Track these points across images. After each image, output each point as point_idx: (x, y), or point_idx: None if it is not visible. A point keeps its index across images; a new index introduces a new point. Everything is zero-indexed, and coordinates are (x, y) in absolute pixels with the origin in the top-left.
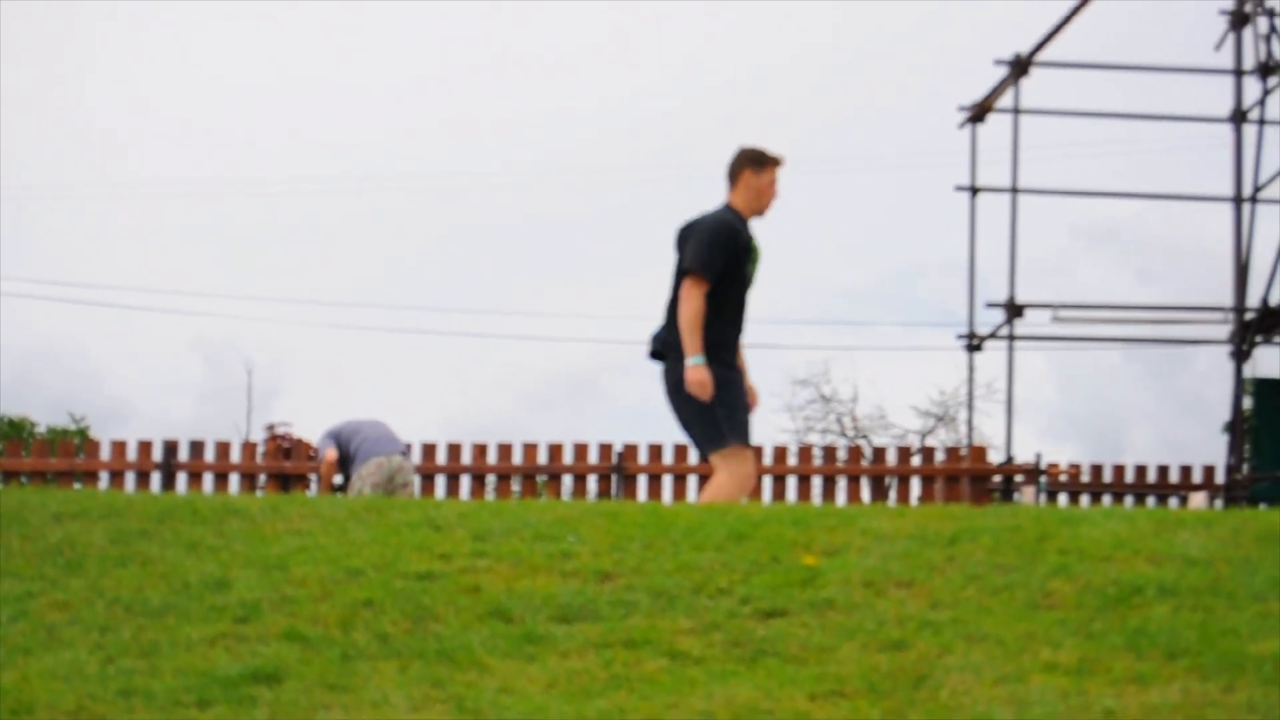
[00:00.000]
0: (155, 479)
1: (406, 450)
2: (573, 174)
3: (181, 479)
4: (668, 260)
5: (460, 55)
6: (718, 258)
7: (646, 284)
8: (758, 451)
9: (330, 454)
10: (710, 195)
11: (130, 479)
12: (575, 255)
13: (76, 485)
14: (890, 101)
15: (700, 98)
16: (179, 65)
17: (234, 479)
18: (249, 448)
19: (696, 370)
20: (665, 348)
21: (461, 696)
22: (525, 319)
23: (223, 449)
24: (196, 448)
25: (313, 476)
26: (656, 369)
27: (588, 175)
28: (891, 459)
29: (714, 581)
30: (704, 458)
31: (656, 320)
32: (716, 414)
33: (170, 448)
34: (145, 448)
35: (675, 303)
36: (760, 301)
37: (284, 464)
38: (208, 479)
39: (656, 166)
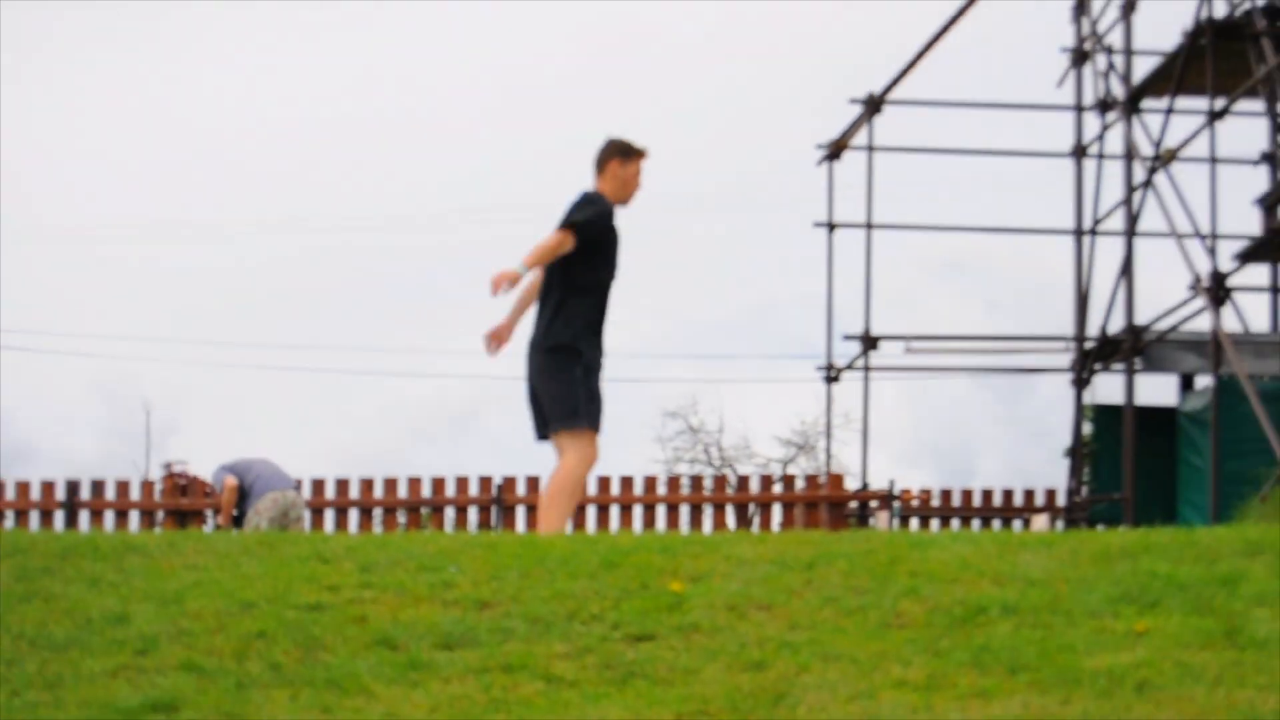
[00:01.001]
0: (59, 517)
1: (298, 485)
2: (451, 214)
3: (84, 517)
4: None
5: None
6: (592, 221)
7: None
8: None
9: (230, 481)
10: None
11: (34, 518)
12: (452, 293)
13: None
14: (746, 139)
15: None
16: (72, 109)
17: (134, 516)
18: (148, 486)
19: (510, 272)
20: (529, 344)
21: None
22: (406, 356)
23: (123, 488)
24: (98, 487)
25: (209, 512)
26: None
27: (462, 215)
28: (755, 487)
29: (587, 608)
30: (547, 435)
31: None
32: (578, 395)
33: (72, 487)
34: (48, 488)
35: (542, 303)
36: (627, 335)
37: (180, 501)
38: (109, 516)
39: (520, 207)
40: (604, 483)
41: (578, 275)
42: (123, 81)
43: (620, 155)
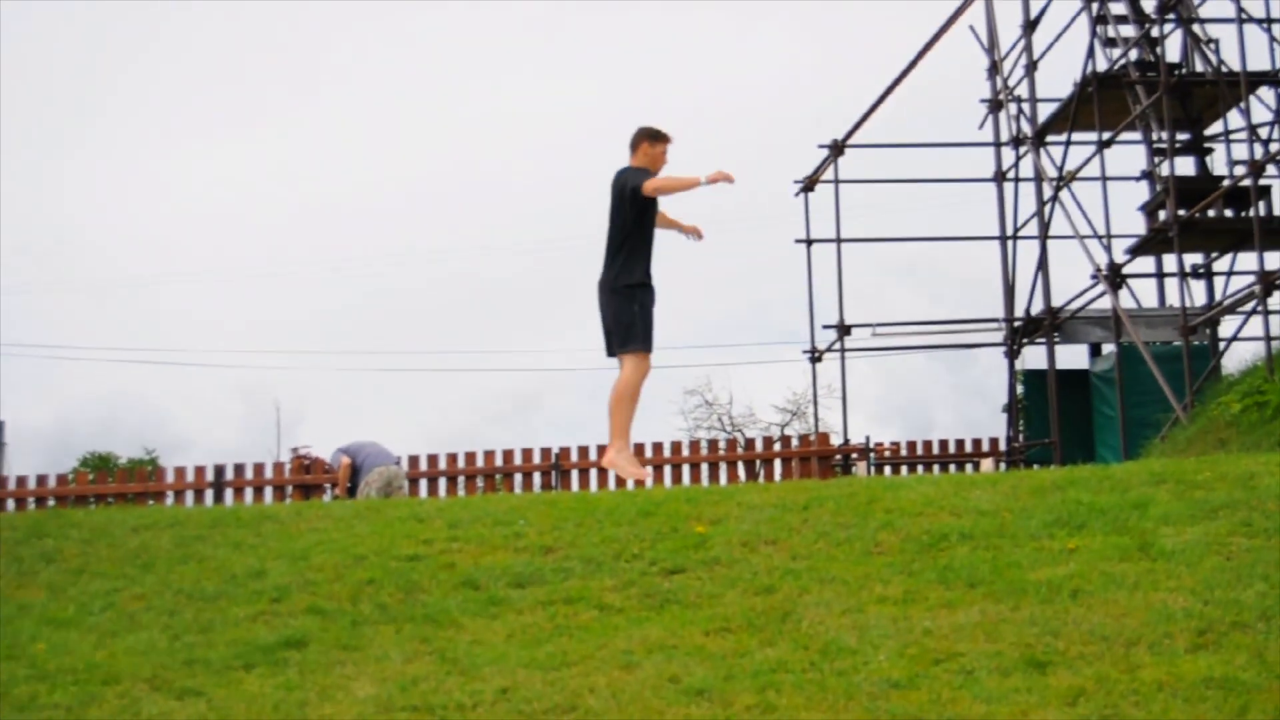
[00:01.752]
0: (209, 495)
1: (399, 461)
2: (500, 247)
3: (229, 494)
4: (580, 302)
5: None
6: (645, 181)
7: (568, 323)
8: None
9: (345, 460)
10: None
11: (190, 496)
12: (514, 302)
13: (150, 503)
14: (739, 175)
15: (587, 160)
16: (206, 158)
17: (268, 492)
18: (279, 467)
19: (714, 175)
20: (600, 284)
21: (443, 650)
22: (479, 355)
23: (259, 469)
24: (239, 469)
25: (328, 486)
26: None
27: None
28: (759, 447)
29: (630, 549)
30: (615, 352)
31: (582, 349)
32: (637, 325)
33: (219, 470)
34: (200, 471)
35: (612, 243)
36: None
37: (305, 478)
38: (249, 493)
39: (579, 233)
40: (639, 448)
41: (635, 232)
42: (242, 133)
43: (650, 138)
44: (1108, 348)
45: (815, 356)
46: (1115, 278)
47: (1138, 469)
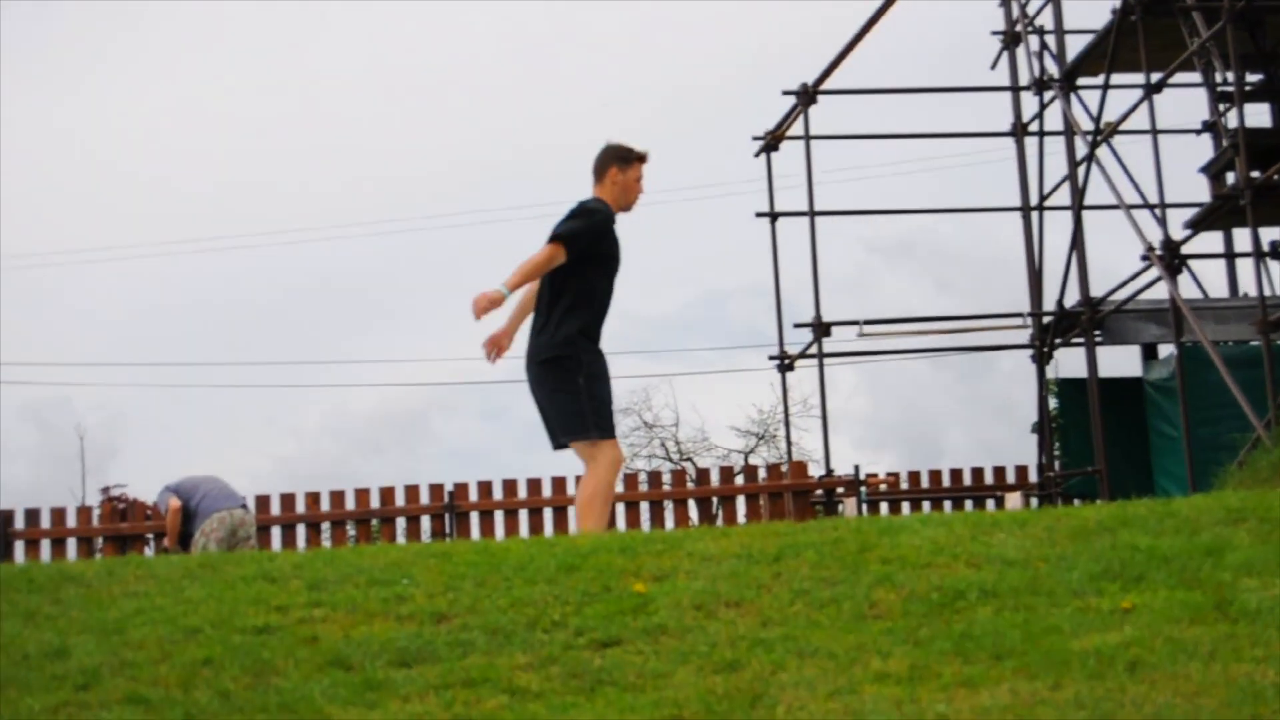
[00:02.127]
0: None
1: (246, 504)
2: (386, 221)
3: (19, 548)
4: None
5: (267, 109)
6: (582, 232)
7: (466, 324)
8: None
9: (174, 502)
10: (509, 235)
11: None
12: (390, 300)
13: None
14: (682, 132)
15: (501, 140)
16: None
17: (71, 544)
18: (84, 512)
19: (493, 294)
20: (527, 356)
21: None
22: (347, 366)
23: (58, 515)
24: (32, 515)
25: (149, 536)
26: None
27: (395, 223)
28: (715, 480)
29: (548, 615)
30: (563, 444)
31: (476, 357)
32: (584, 407)
33: (6, 517)
34: None
35: (539, 301)
36: None
37: (120, 525)
38: (45, 546)
39: (466, 211)
40: (558, 483)
41: (573, 285)
42: (49, 100)
43: (619, 161)
44: (1165, 349)
45: (786, 363)
46: (1172, 259)
47: (1209, 504)
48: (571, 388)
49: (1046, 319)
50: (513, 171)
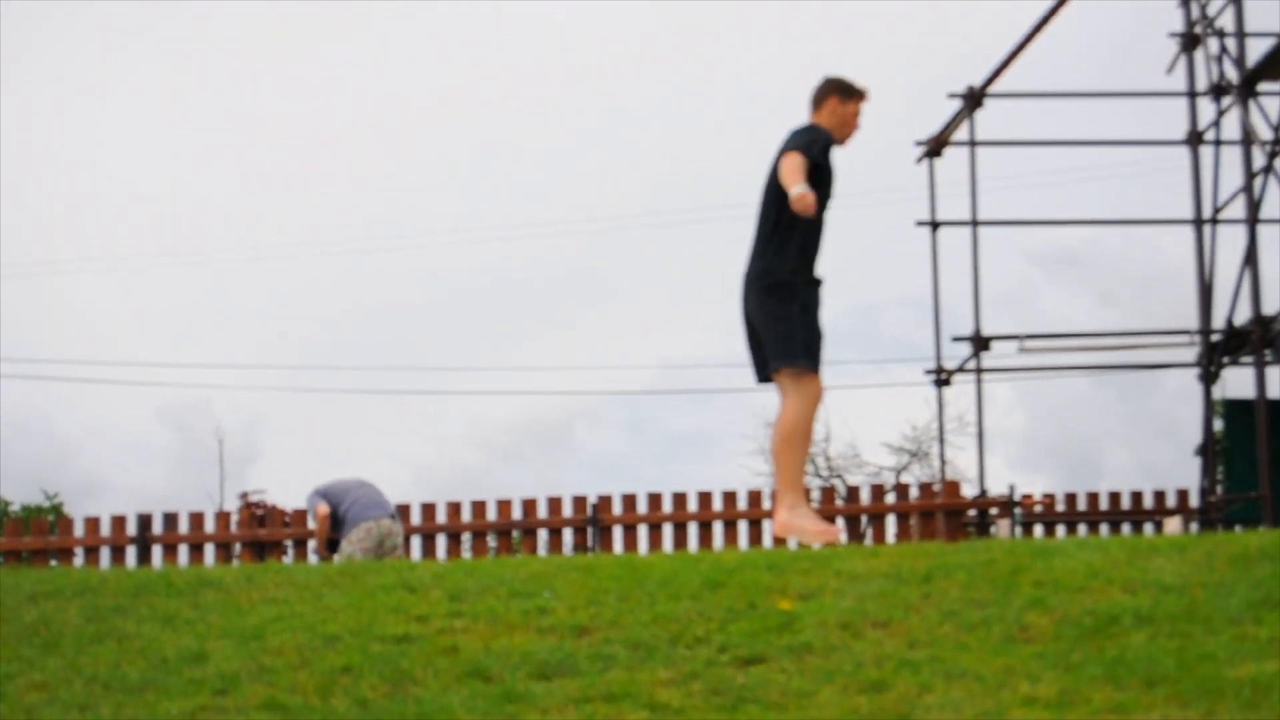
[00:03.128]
0: (130, 553)
1: (395, 514)
2: (524, 228)
3: (157, 552)
4: (622, 299)
5: (417, 106)
6: (815, 141)
7: (610, 332)
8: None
9: (323, 509)
10: (654, 246)
11: (105, 554)
12: (536, 309)
13: (52, 563)
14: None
15: (652, 141)
16: (130, 137)
17: (209, 549)
18: (223, 517)
19: (802, 195)
20: (745, 281)
21: None
22: (492, 374)
23: (197, 520)
24: (170, 520)
25: (287, 543)
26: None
27: (541, 228)
28: (866, 498)
29: (691, 631)
30: (767, 376)
31: (622, 365)
32: (796, 334)
33: (144, 521)
34: (119, 522)
35: (762, 226)
36: (722, 343)
37: (259, 532)
38: (183, 551)
39: (610, 217)
40: (705, 498)
41: (791, 212)
42: (179, 109)
43: (840, 93)
44: None
45: (942, 379)
46: None
47: None
48: (787, 313)
49: (1215, 337)
50: (650, 174)
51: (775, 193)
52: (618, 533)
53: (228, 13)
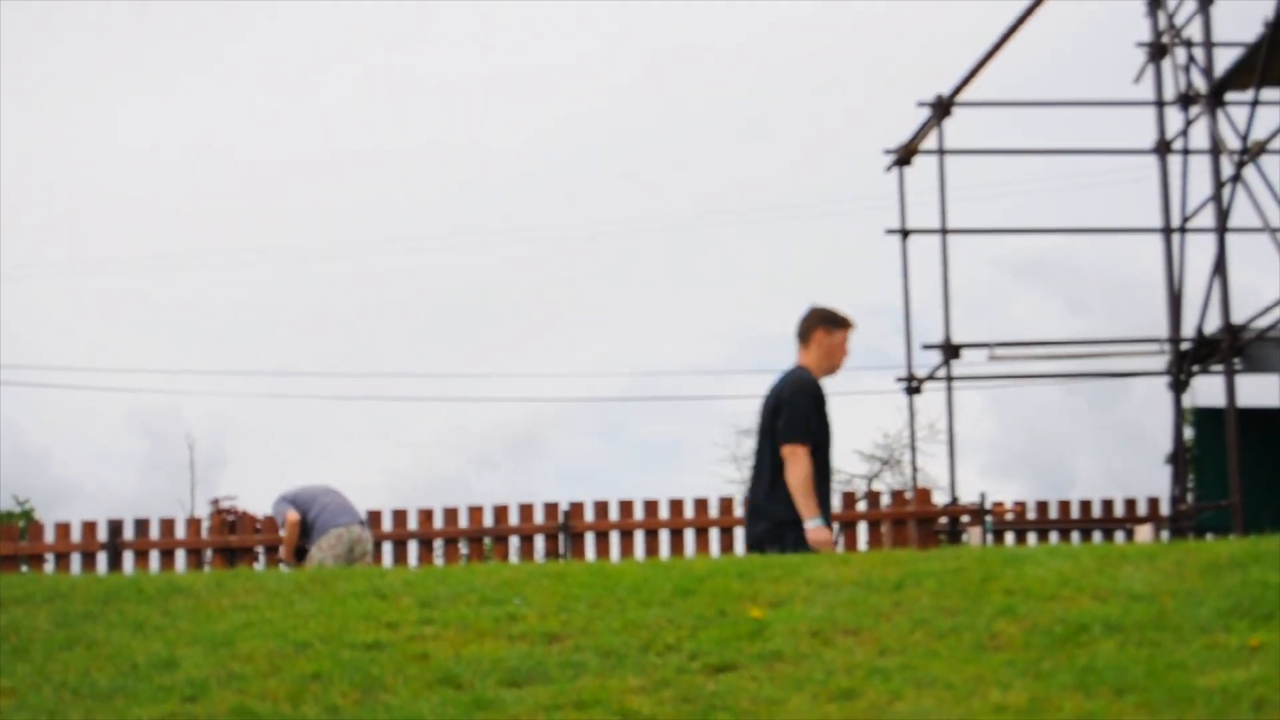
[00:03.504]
0: (101, 559)
1: (365, 520)
2: (495, 235)
3: (128, 558)
4: (595, 306)
5: (389, 113)
6: (810, 420)
7: (582, 340)
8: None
9: (292, 515)
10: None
11: (76, 560)
12: (508, 315)
13: (22, 569)
14: (810, 147)
15: (620, 147)
16: (97, 142)
17: (180, 556)
18: (194, 524)
19: (818, 531)
20: (751, 510)
21: None
22: (464, 380)
23: (167, 526)
24: (141, 526)
25: (259, 550)
26: None
27: (511, 234)
28: (837, 505)
29: (661, 638)
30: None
31: (594, 373)
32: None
33: (115, 527)
34: (90, 528)
35: (763, 468)
36: (695, 351)
37: (229, 538)
38: (154, 557)
39: (580, 224)
40: (676, 506)
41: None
42: (150, 107)
43: (826, 325)
44: None
45: (913, 386)
46: None
47: None
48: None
49: (1185, 345)
50: (624, 180)
51: (774, 432)
52: (590, 540)
53: (188, 19)
